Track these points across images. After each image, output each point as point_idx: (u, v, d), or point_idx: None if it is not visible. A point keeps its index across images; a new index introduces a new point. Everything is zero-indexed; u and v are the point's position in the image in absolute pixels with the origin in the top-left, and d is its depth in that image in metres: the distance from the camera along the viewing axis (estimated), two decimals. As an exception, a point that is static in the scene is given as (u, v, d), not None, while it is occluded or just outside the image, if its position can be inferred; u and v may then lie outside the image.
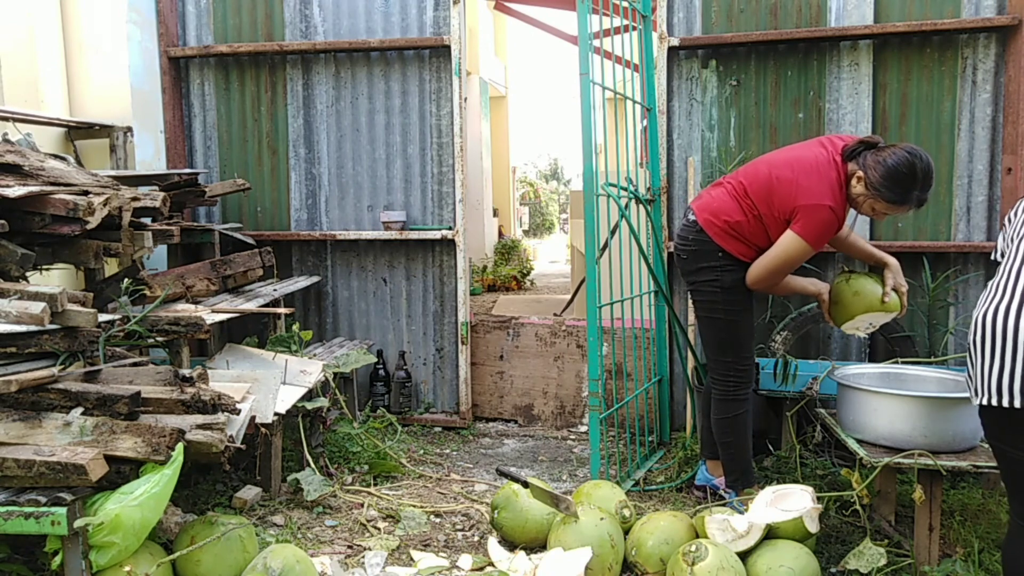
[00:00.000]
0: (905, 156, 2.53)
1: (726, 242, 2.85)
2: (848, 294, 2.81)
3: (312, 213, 4.49)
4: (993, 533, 2.74)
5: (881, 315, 2.79)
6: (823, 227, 2.65)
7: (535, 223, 23.48)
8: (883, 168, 2.55)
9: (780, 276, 2.78)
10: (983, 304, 1.88)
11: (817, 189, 2.64)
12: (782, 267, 2.75)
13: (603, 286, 3.56)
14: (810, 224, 2.64)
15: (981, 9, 3.70)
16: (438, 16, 4.23)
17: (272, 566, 2.24)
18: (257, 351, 3.42)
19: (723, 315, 2.93)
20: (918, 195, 2.56)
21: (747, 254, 2.85)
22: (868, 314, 2.79)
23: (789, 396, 3.42)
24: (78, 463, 2.02)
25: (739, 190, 2.84)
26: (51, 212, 2.69)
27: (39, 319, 2.31)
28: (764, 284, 2.82)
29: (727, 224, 2.84)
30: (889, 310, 2.78)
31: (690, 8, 4.00)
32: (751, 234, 2.82)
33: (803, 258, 2.72)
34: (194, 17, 4.46)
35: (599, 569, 2.46)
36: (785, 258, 2.72)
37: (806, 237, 2.65)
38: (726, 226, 2.84)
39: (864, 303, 2.78)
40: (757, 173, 2.81)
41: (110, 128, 4.07)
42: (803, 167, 2.70)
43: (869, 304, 2.77)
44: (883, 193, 2.56)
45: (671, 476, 3.48)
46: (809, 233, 2.65)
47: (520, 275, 7.95)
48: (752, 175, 2.82)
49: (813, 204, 2.63)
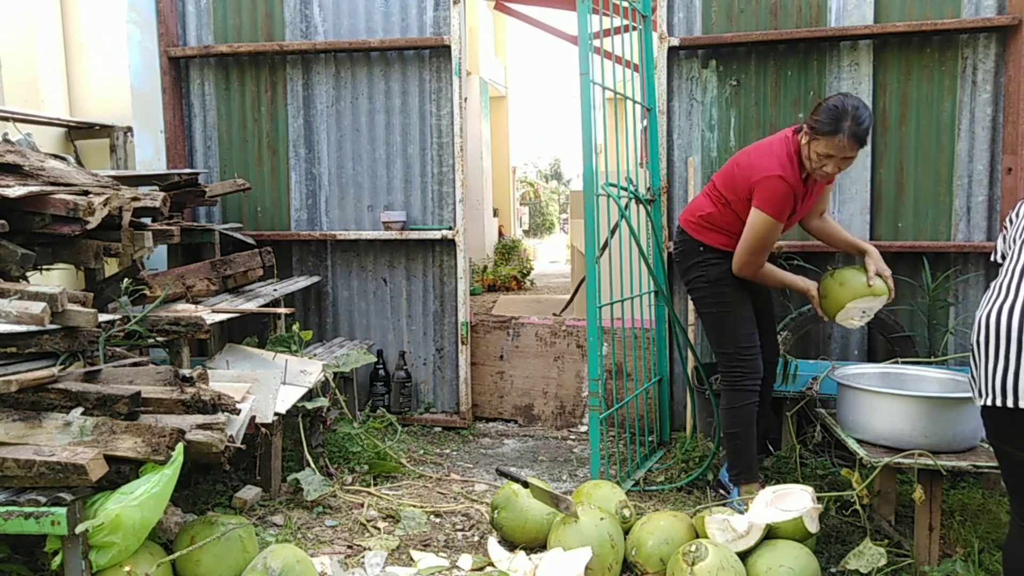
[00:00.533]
0: (837, 95, 2.74)
1: (703, 235, 3.05)
2: (835, 286, 2.89)
3: (312, 213, 4.49)
4: (993, 533, 2.74)
5: (869, 300, 2.85)
6: (777, 197, 2.77)
7: (535, 223, 23.47)
8: (820, 110, 2.72)
9: (759, 255, 2.89)
10: (986, 304, 1.87)
11: (767, 163, 2.81)
12: (756, 245, 2.86)
13: (603, 286, 3.56)
14: (764, 195, 2.79)
15: (981, 9, 3.70)
16: (438, 16, 4.23)
17: (272, 566, 2.24)
18: (257, 351, 3.42)
19: (715, 308, 3.07)
20: (851, 127, 2.64)
21: (727, 243, 3.00)
22: (856, 301, 2.85)
23: (789, 396, 3.42)
24: (78, 463, 2.02)
25: (710, 187, 3.08)
26: (51, 212, 2.69)
27: (39, 319, 2.31)
28: (748, 267, 2.92)
29: (700, 218, 3.06)
30: (876, 294, 2.84)
31: (690, 8, 4.00)
32: (724, 222, 2.99)
33: (772, 232, 2.83)
34: (194, 17, 4.46)
35: (599, 569, 2.46)
36: (755, 235, 2.84)
37: (766, 209, 2.79)
38: (700, 220, 3.06)
39: (851, 291, 2.85)
40: (724, 167, 3.05)
41: (110, 128, 4.07)
42: (758, 149, 2.92)
43: (855, 291, 2.84)
44: (818, 128, 2.69)
45: (671, 476, 3.48)
46: (767, 204, 2.79)
47: (520, 275, 7.95)
48: (720, 171, 3.06)
49: (764, 177, 2.79)
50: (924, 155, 3.83)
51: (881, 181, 3.89)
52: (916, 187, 3.86)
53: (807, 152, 2.77)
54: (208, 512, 2.77)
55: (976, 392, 1.88)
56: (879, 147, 3.88)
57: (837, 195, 3.92)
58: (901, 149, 3.86)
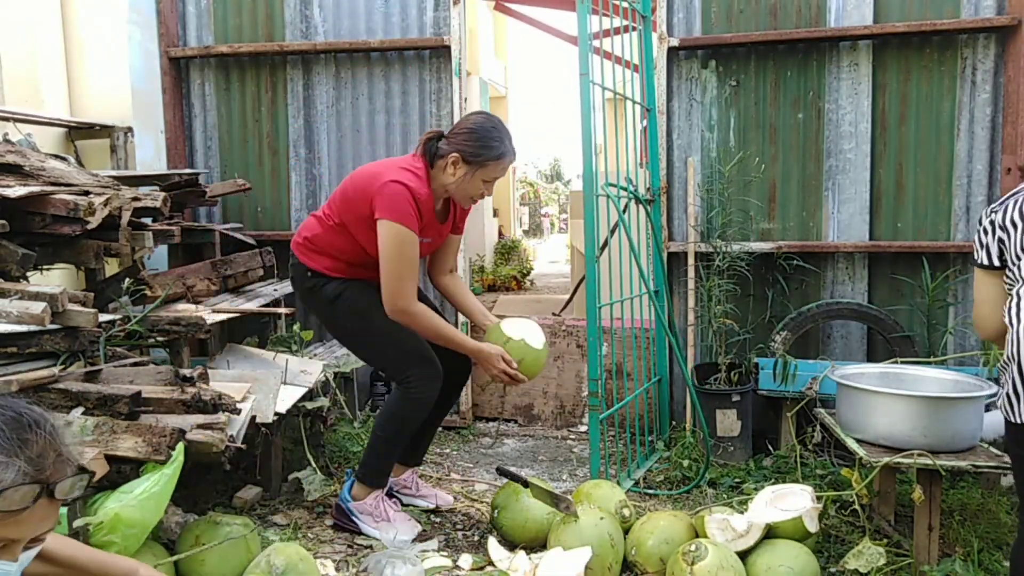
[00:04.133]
0: (476, 116, 2.66)
1: (310, 258, 2.78)
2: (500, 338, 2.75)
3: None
4: (993, 533, 2.74)
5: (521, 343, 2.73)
6: (398, 200, 2.53)
7: (535, 223, 23.48)
8: (471, 135, 2.61)
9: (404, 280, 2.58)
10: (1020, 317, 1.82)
11: (384, 172, 2.60)
12: (396, 265, 2.57)
13: (603, 286, 3.56)
14: (385, 203, 2.54)
15: (981, 9, 3.71)
16: (438, 16, 4.23)
17: (275, 563, 2.25)
18: (258, 351, 3.42)
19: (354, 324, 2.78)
20: (511, 145, 2.64)
21: (334, 267, 2.77)
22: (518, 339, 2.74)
23: (789, 396, 3.43)
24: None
25: (322, 209, 2.81)
26: (52, 212, 2.69)
27: (40, 319, 2.31)
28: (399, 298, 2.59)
29: (307, 240, 2.79)
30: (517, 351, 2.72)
31: (690, 8, 4.00)
32: (333, 247, 2.74)
33: (409, 247, 2.56)
34: (194, 17, 4.46)
35: (599, 569, 2.46)
36: (390, 252, 2.56)
37: (391, 216, 2.53)
38: (306, 242, 2.80)
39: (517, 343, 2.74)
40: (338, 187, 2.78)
41: (111, 128, 4.07)
42: (375, 166, 2.71)
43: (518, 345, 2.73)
44: (484, 153, 2.60)
45: (671, 476, 3.48)
46: (391, 211, 2.53)
47: (520, 275, 7.96)
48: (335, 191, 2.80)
49: (380, 185, 2.55)
50: (923, 155, 3.83)
51: (880, 181, 3.89)
52: (915, 187, 3.86)
53: (458, 180, 2.63)
54: (209, 512, 2.77)
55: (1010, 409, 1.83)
56: (879, 147, 3.88)
57: (837, 195, 3.92)
58: (900, 149, 3.86)
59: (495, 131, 2.64)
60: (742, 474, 3.42)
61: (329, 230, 2.74)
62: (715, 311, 3.76)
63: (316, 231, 2.78)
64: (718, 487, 3.33)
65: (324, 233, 2.75)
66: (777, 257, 3.90)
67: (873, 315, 3.75)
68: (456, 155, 2.62)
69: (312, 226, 2.81)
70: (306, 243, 2.80)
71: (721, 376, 3.74)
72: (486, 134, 2.62)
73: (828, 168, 3.93)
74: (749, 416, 3.66)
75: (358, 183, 2.66)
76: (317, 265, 2.78)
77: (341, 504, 2.86)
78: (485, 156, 2.61)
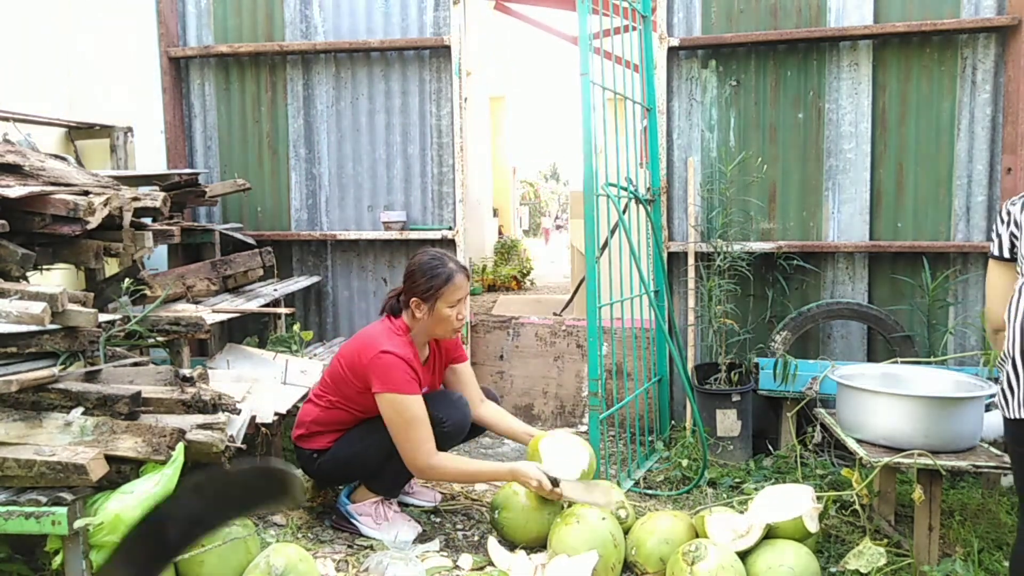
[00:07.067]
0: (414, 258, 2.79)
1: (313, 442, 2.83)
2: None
3: (312, 213, 4.50)
4: (993, 533, 2.74)
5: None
6: (393, 370, 2.61)
7: (535, 223, 23.48)
8: (415, 275, 2.73)
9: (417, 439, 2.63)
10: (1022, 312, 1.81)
11: (370, 345, 2.68)
12: (406, 431, 2.63)
13: (603, 286, 3.56)
14: (380, 375, 2.62)
15: (981, 9, 3.71)
16: (438, 16, 4.23)
17: (275, 564, 2.25)
18: (257, 351, 3.42)
19: (365, 447, 2.79)
20: (454, 265, 2.75)
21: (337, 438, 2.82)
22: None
23: (789, 396, 3.43)
24: (79, 463, 2.02)
25: (313, 392, 2.90)
26: (52, 212, 2.69)
27: (40, 319, 2.31)
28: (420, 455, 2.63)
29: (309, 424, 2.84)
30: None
31: (690, 8, 4.00)
32: (330, 422, 2.81)
33: (415, 407, 2.62)
34: (194, 17, 4.46)
35: (602, 569, 2.46)
36: (397, 422, 2.63)
37: (389, 388, 2.61)
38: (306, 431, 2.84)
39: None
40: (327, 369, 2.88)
41: (110, 128, 4.06)
42: (359, 341, 2.77)
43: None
44: (434, 284, 2.70)
45: (670, 476, 3.48)
46: (388, 383, 2.61)
47: (520, 275, 7.95)
48: (325, 373, 2.89)
49: (371, 359, 2.64)
50: (924, 155, 3.83)
51: (881, 181, 3.89)
52: (916, 187, 3.86)
53: (427, 319, 2.72)
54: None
55: (1007, 404, 1.82)
56: (879, 147, 3.88)
57: (837, 195, 3.92)
58: (901, 149, 3.86)
59: (434, 260, 2.74)
60: (742, 474, 3.42)
61: (326, 410, 2.82)
62: (715, 311, 3.76)
63: (314, 415, 2.84)
64: (718, 487, 3.33)
65: (322, 414, 2.82)
66: (777, 257, 3.90)
67: (873, 315, 3.75)
68: (414, 299, 2.73)
69: (309, 412, 2.87)
70: (307, 431, 2.85)
71: (721, 376, 3.74)
72: (427, 268, 2.73)
73: (828, 168, 3.93)
74: (749, 416, 3.66)
75: (347, 361, 2.74)
76: (320, 445, 2.84)
77: (340, 508, 2.88)
78: (436, 286, 2.71)
